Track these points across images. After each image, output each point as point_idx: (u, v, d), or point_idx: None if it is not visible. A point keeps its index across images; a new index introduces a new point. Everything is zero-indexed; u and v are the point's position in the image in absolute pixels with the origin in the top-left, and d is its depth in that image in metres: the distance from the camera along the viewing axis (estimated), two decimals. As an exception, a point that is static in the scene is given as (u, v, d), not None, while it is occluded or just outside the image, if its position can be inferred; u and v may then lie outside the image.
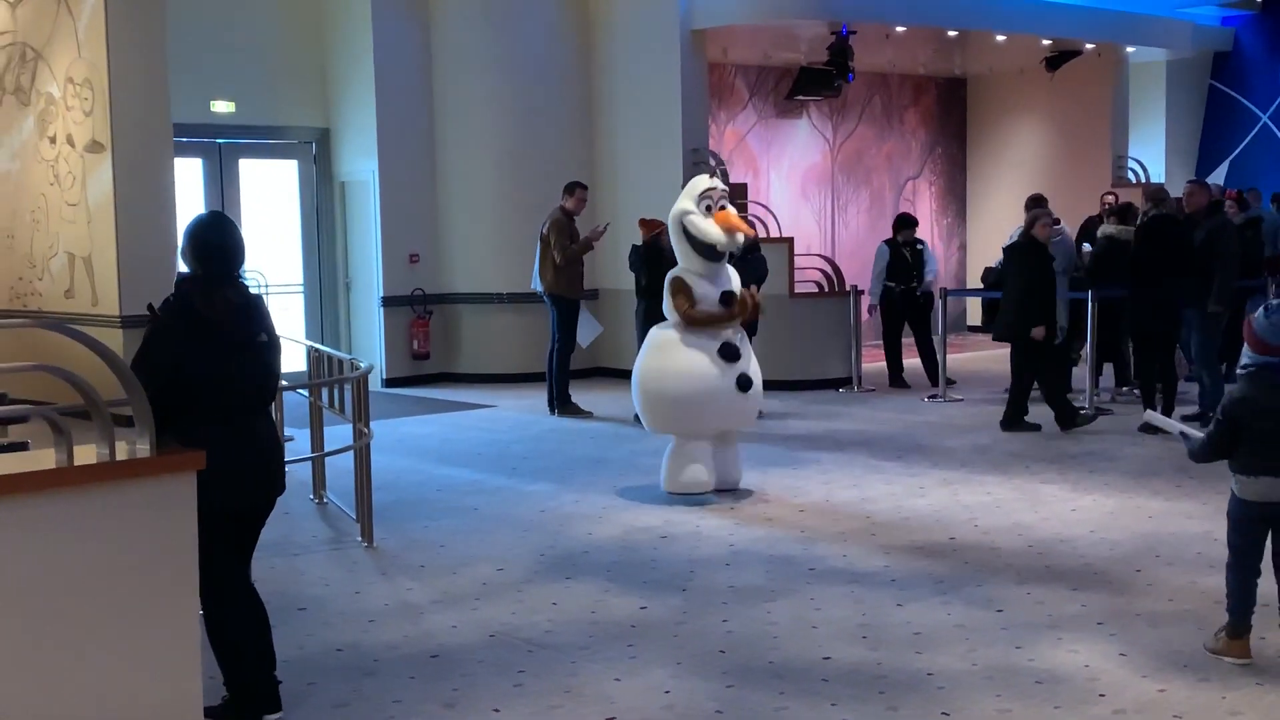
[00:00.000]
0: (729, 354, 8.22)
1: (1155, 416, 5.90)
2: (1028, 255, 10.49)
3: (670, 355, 8.30)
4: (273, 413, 5.02)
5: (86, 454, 4.22)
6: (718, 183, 8.42)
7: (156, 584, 4.27)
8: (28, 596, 4.04)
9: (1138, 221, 11.14)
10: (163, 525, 4.28)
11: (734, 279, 8.43)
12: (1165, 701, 4.87)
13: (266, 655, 4.76)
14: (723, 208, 8.24)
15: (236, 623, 4.64)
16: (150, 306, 4.56)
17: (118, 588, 4.20)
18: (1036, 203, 12.18)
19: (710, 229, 8.14)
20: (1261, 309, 5.21)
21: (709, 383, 8.18)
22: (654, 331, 8.52)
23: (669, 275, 8.39)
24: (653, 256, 10.85)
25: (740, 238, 8.30)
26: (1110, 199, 13.87)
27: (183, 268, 4.68)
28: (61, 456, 4.17)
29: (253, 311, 4.59)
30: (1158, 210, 10.39)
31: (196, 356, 4.41)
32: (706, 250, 8.19)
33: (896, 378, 13.31)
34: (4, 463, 4.38)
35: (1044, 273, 10.43)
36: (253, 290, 4.69)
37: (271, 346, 4.68)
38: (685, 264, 8.31)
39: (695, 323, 8.22)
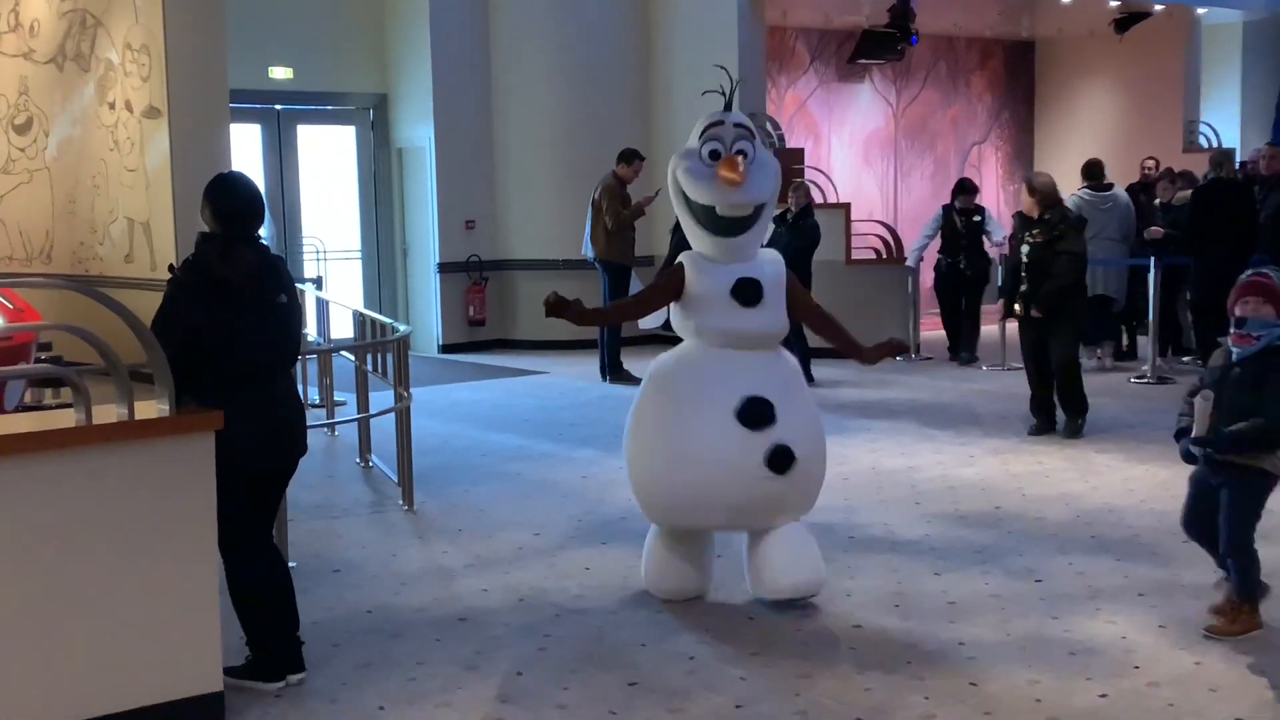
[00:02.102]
0: (755, 416, 5.25)
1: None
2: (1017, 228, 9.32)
3: (666, 405, 5.42)
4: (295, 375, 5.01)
5: (106, 413, 4.25)
6: (734, 116, 5.52)
7: (174, 543, 4.30)
8: (47, 554, 4.07)
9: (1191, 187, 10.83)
10: (181, 485, 4.30)
11: (768, 261, 5.53)
12: (1201, 674, 4.74)
13: (289, 616, 4.75)
14: (740, 152, 5.38)
15: (257, 584, 4.64)
16: (171, 266, 4.57)
17: (136, 547, 4.22)
18: (1091, 169, 11.87)
19: (701, 185, 5.38)
20: None
21: (714, 458, 5.24)
22: (658, 361, 5.61)
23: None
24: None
25: (739, 195, 5.33)
26: (1150, 163, 13.57)
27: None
28: (80, 416, 4.20)
29: (271, 272, 4.56)
30: (1216, 175, 10.06)
31: (214, 317, 4.40)
32: (706, 216, 5.41)
33: (955, 349, 13.09)
34: (23, 421, 4.42)
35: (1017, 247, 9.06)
36: (273, 251, 4.66)
37: (292, 308, 4.65)
38: (695, 242, 5.53)
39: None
